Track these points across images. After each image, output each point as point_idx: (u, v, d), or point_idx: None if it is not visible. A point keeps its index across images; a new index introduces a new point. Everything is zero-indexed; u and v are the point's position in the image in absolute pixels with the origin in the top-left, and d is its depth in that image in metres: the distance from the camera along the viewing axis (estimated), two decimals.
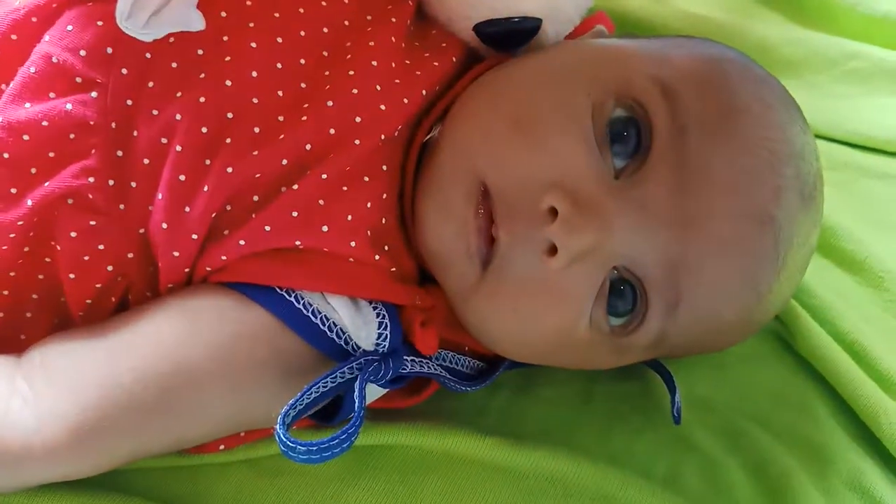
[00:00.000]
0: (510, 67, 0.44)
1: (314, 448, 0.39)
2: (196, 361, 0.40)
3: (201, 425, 0.41)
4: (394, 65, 0.44)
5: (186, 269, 0.41)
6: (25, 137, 0.40)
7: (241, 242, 0.41)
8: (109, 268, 0.41)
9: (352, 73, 0.43)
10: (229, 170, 0.41)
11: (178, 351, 0.40)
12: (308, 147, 0.42)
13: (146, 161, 0.41)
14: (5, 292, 0.42)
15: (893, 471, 0.49)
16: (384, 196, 0.43)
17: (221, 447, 0.44)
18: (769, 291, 0.43)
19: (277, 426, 0.38)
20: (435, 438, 0.46)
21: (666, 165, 0.39)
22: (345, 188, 0.41)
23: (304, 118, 0.42)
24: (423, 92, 0.44)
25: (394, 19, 0.45)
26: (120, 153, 0.41)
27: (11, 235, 0.41)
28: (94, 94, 0.41)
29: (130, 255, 0.41)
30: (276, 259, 0.41)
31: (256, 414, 0.41)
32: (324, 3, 0.44)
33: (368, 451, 0.46)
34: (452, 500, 0.45)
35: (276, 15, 0.43)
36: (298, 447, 0.38)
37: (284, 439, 0.38)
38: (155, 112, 0.41)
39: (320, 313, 0.42)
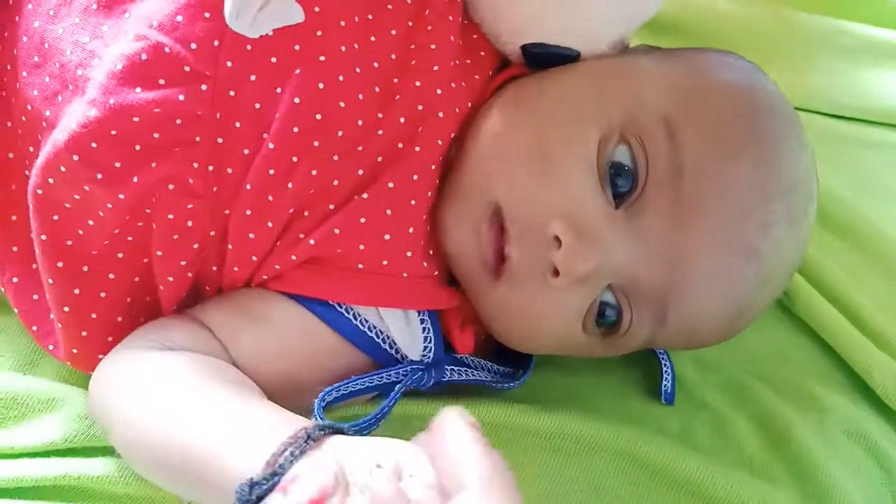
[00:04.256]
0: (531, 93, 0.47)
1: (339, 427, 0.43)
2: (295, 371, 0.45)
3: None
4: (453, 64, 0.47)
5: (254, 257, 0.45)
6: (135, 119, 0.43)
7: (311, 242, 0.45)
8: (195, 245, 0.45)
9: (418, 83, 0.46)
10: (314, 172, 0.44)
11: (276, 363, 0.46)
12: (379, 159, 0.45)
13: (246, 151, 0.44)
14: (84, 268, 0.46)
15: (887, 419, 0.53)
16: (432, 203, 0.46)
17: None
18: (749, 310, 0.48)
19: (316, 402, 0.43)
20: (471, 407, 0.49)
21: (662, 200, 0.44)
22: (412, 201, 0.46)
23: (380, 132, 0.45)
24: (469, 104, 0.47)
25: (451, 17, 0.47)
26: (220, 140, 0.44)
27: (109, 206, 0.45)
28: (203, 86, 0.44)
29: (212, 233, 0.45)
30: (338, 276, 0.45)
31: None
32: (389, 7, 0.47)
33: (406, 420, 0.49)
34: None
35: (356, 19, 0.46)
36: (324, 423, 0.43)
37: (317, 415, 0.43)
38: (258, 106, 0.44)
39: (375, 328, 0.47)
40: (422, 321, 0.47)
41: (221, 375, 0.44)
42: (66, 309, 0.47)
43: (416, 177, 0.45)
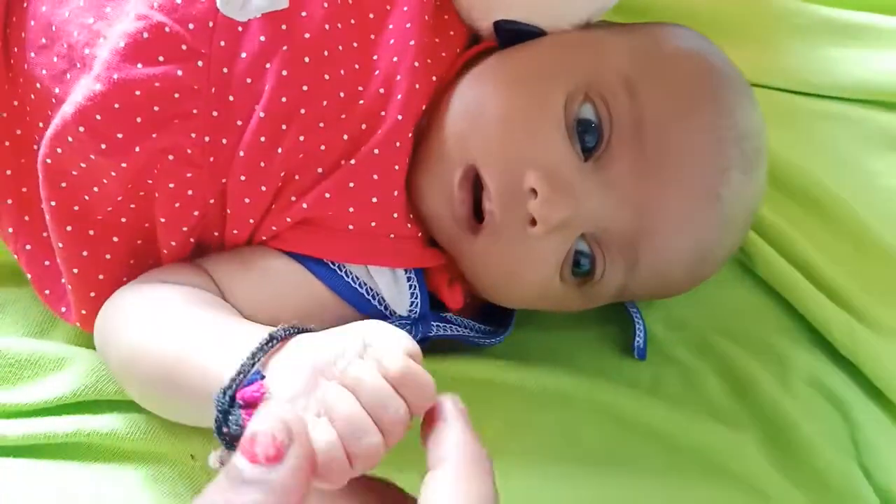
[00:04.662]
0: (500, 63, 0.50)
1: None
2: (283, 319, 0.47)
3: None
4: (426, 41, 0.50)
5: (251, 220, 0.48)
6: (137, 93, 0.46)
7: (304, 206, 0.48)
8: (196, 213, 0.49)
9: (395, 59, 0.49)
10: (301, 138, 0.48)
11: (269, 312, 0.47)
12: (363, 126, 0.48)
13: (239, 122, 0.48)
14: (91, 232, 0.49)
15: (843, 369, 0.57)
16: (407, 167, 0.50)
17: None
18: (715, 253, 0.51)
19: None
20: (454, 364, 0.53)
21: (627, 152, 0.47)
22: (396, 167, 0.49)
23: (361, 101, 0.48)
24: (434, 77, 0.50)
25: (424, 2, 0.50)
26: (216, 113, 0.47)
27: (112, 174, 0.48)
28: (200, 63, 0.47)
29: (212, 202, 0.48)
30: (330, 236, 0.48)
31: None
32: None
33: None
34: (475, 413, 0.51)
35: (339, 1, 0.49)
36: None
37: None
38: (249, 80, 0.47)
39: (365, 284, 0.50)
40: (408, 279, 0.51)
41: (211, 301, 0.47)
42: (76, 271, 0.50)
43: (398, 143, 0.48)
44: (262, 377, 0.38)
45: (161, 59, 0.47)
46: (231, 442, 0.38)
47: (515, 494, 0.48)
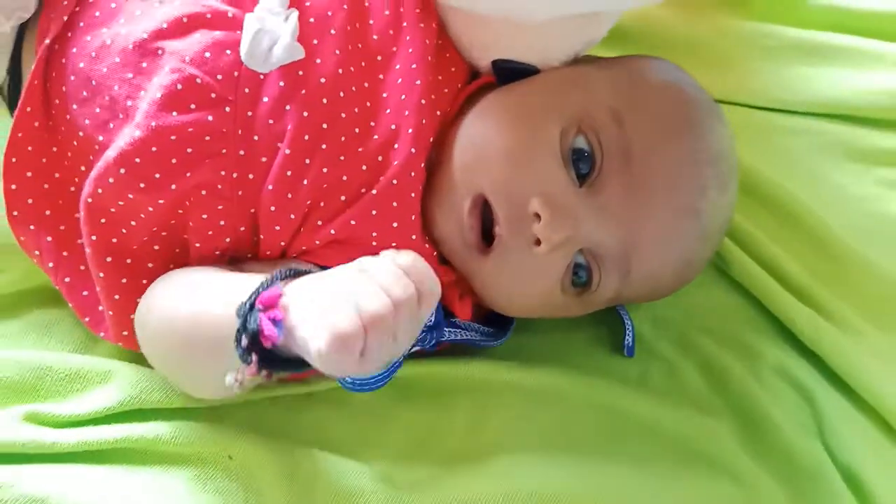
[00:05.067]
0: (500, 100, 0.56)
1: (357, 382, 0.52)
2: None
3: None
4: (430, 80, 0.55)
5: (282, 243, 0.54)
6: (172, 138, 0.52)
7: (332, 231, 0.54)
8: (227, 239, 0.54)
9: (403, 97, 0.54)
10: (324, 170, 0.53)
11: None
12: (380, 158, 0.54)
13: (263, 159, 0.53)
14: (128, 261, 0.55)
15: (808, 360, 0.63)
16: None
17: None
18: (697, 259, 0.57)
19: None
20: (460, 367, 0.59)
21: (616, 176, 0.53)
22: (412, 194, 0.54)
23: (376, 137, 0.54)
24: (438, 112, 0.56)
25: (427, 41, 0.56)
26: (242, 152, 0.53)
27: (150, 209, 0.54)
28: (227, 108, 0.53)
29: (242, 229, 0.54)
30: (356, 253, 0.51)
31: None
32: (375, 37, 0.56)
33: (408, 382, 0.58)
34: (476, 412, 0.58)
35: (349, 47, 0.55)
36: (347, 379, 0.52)
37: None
38: (271, 121, 0.53)
39: None
40: None
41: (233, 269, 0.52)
42: (117, 297, 0.55)
43: (413, 174, 0.54)
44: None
45: (193, 106, 0.52)
46: (248, 352, 0.43)
47: (515, 486, 0.53)
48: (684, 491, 0.55)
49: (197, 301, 0.51)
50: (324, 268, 0.54)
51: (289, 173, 0.53)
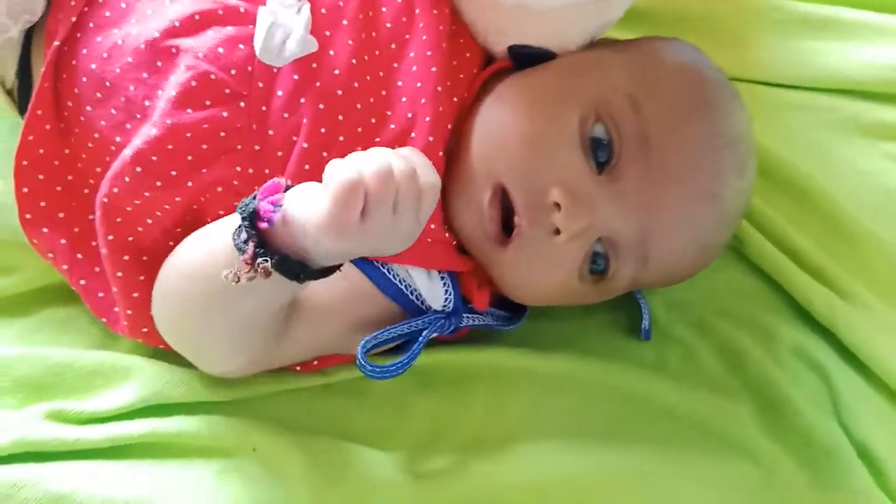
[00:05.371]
0: (516, 87, 0.55)
1: (378, 369, 0.53)
2: (327, 303, 0.54)
3: (316, 343, 0.56)
4: (445, 66, 0.55)
5: None
6: (188, 135, 0.52)
7: None
8: None
9: (419, 85, 0.54)
10: None
11: (316, 294, 0.54)
12: (397, 147, 0.53)
13: (279, 154, 0.53)
14: (144, 258, 0.55)
15: (825, 339, 0.63)
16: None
17: (315, 362, 0.58)
18: (715, 244, 0.57)
19: (359, 348, 0.52)
20: (477, 354, 0.60)
21: (634, 164, 0.52)
22: None
23: (392, 126, 0.54)
24: (455, 99, 0.56)
25: (441, 27, 0.55)
26: (258, 147, 0.53)
27: (166, 207, 0.53)
28: (241, 104, 0.52)
29: None
30: None
31: (350, 343, 0.55)
32: (388, 25, 0.55)
33: (427, 370, 0.59)
34: (494, 399, 0.59)
35: (363, 36, 0.54)
36: (368, 367, 0.53)
37: (362, 360, 0.52)
38: (286, 115, 0.53)
39: (404, 281, 0.55)
40: (442, 278, 0.56)
41: None
42: (136, 295, 0.56)
43: (430, 163, 0.54)
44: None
45: (208, 103, 0.52)
46: (245, 236, 0.45)
47: (534, 472, 0.54)
48: (703, 473, 0.56)
49: (209, 239, 0.51)
50: None
51: (306, 167, 0.53)
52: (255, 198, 0.47)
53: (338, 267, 0.49)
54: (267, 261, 0.45)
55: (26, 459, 0.53)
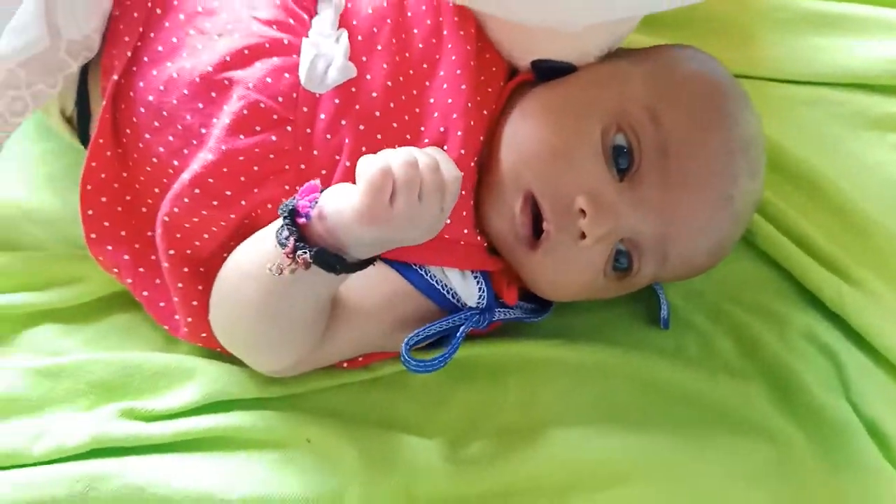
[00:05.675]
0: (541, 100, 0.59)
1: (421, 364, 0.58)
2: (370, 304, 0.59)
3: (360, 341, 0.61)
4: (474, 82, 0.59)
5: None
6: (241, 158, 0.57)
7: None
8: None
9: (450, 101, 0.58)
10: None
11: (359, 297, 0.59)
12: None
13: (323, 172, 0.58)
14: (201, 269, 0.60)
15: (834, 324, 0.67)
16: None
17: (360, 358, 0.62)
18: (729, 240, 0.62)
19: (403, 345, 0.57)
20: (509, 346, 0.64)
21: (654, 171, 0.57)
22: (463, 192, 0.58)
23: (426, 140, 0.58)
24: (485, 112, 0.60)
25: (468, 47, 0.59)
26: (303, 167, 0.58)
27: (222, 223, 0.59)
28: (288, 128, 0.57)
29: None
30: (412, 248, 0.58)
31: (392, 340, 0.60)
32: (420, 45, 0.59)
33: (463, 362, 0.63)
34: (526, 388, 0.63)
35: (396, 58, 0.59)
36: (412, 362, 0.57)
37: (406, 355, 0.57)
38: (328, 136, 0.58)
39: (441, 282, 0.60)
40: (475, 277, 0.61)
41: None
42: (195, 303, 0.60)
43: (462, 174, 0.58)
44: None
45: (258, 128, 0.57)
46: (287, 233, 0.50)
47: (567, 454, 0.59)
48: (723, 451, 0.60)
49: (258, 243, 0.56)
50: None
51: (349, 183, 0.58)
52: (294, 198, 0.52)
53: (372, 261, 0.54)
54: (306, 252, 0.50)
55: (104, 454, 0.58)
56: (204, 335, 0.61)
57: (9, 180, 0.71)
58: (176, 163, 0.59)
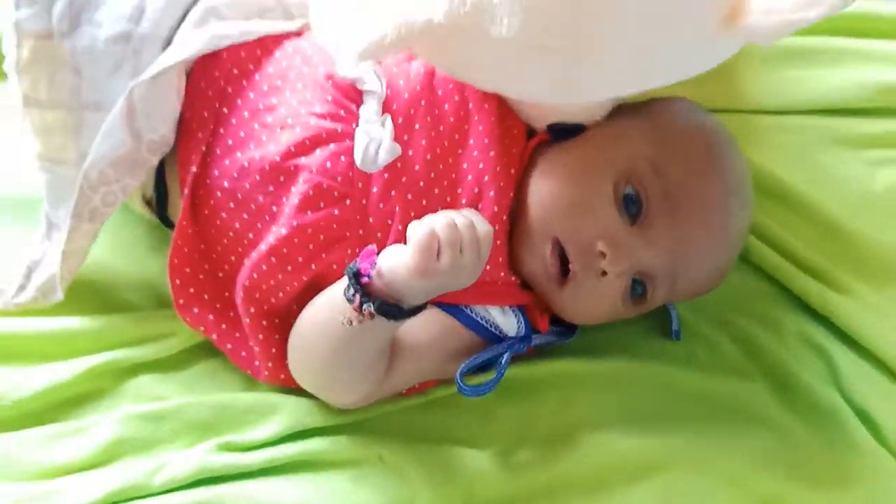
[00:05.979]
0: (559, 159, 0.68)
1: (474, 389, 0.68)
2: (425, 342, 0.69)
3: (418, 373, 0.70)
4: (501, 148, 0.68)
5: None
6: (309, 231, 0.66)
7: None
8: None
9: (481, 165, 0.67)
10: None
11: (415, 337, 0.68)
12: None
13: (378, 235, 0.67)
14: (276, 321, 0.69)
15: (824, 326, 0.76)
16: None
17: (416, 385, 0.71)
18: (727, 265, 0.72)
19: (458, 374, 0.67)
20: (546, 365, 0.73)
21: (660, 214, 0.66)
22: (498, 242, 0.67)
23: (464, 202, 0.67)
24: (512, 171, 0.69)
25: (492, 118, 0.68)
26: (361, 232, 0.67)
27: (295, 284, 0.68)
28: (347, 202, 0.67)
29: None
30: (458, 292, 0.67)
31: (445, 370, 0.70)
32: (451, 119, 0.69)
33: (505, 381, 0.69)
34: (562, 400, 0.72)
35: (432, 134, 0.68)
36: (467, 388, 0.67)
37: (460, 383, 0.67)
38: (381, 205, 0.67)
39: (484, 318, 0.70)
40: (513, 311, 0.71)
41: None
42: (274, 350, 0.70)
43: (496, 227, 0.67)
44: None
45: (322, 205, 0.67)
46: (352, 291, 0.60)
47: (602, 455, 0.68)
48: (733, 441, 0.70)
49: (328, 300, 0.65)
50: None
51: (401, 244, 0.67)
52: (356, 262, 0.62)
53: (423, 307, 0.64)
54: (370, 306, 0.61)
55: (208, 483, 0.67)
56: (283, 377, 0.71)
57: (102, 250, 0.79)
58: (251, 235, 0.69)
